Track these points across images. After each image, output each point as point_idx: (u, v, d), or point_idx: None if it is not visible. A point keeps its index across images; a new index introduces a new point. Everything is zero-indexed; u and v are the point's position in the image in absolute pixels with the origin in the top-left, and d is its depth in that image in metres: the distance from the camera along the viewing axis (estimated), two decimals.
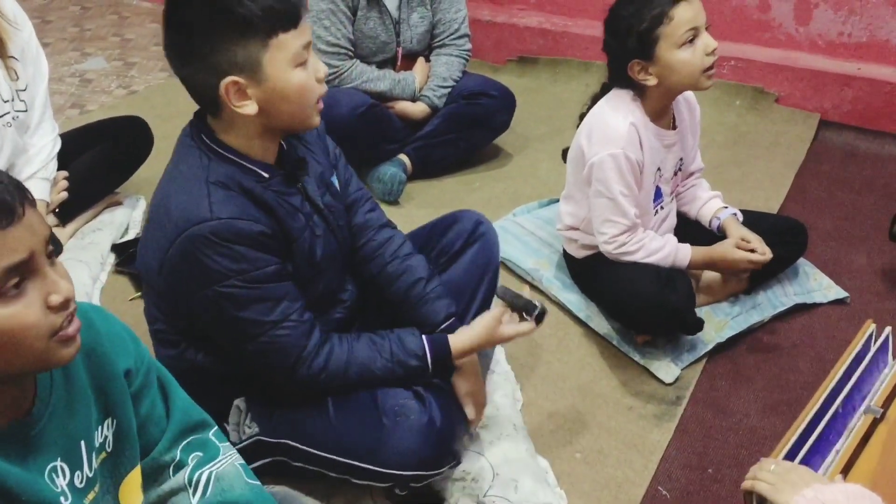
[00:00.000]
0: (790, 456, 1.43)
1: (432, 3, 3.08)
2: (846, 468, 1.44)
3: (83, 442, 1.17)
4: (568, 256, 2.47)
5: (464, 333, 1.76)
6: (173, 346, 1.69)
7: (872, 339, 1.68)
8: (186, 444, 1.32)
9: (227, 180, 1.54)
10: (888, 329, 1.71)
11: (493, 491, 1.80)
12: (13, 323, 0.99)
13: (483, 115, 3.11)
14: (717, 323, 2.33)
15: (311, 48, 1.55)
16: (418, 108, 3.07)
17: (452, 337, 1.75)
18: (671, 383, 2.17)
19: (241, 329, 1.59)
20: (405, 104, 3.06)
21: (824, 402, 1.52)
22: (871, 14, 3.46)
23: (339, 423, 1.69)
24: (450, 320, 1.82)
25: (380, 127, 2.98)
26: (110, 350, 1.21)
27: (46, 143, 2.48)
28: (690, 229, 2.41)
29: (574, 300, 2.43)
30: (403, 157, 3.06)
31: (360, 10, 2.96)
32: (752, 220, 2.39)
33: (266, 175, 1.59)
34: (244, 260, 1.53)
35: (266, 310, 1.57)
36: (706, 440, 2.04)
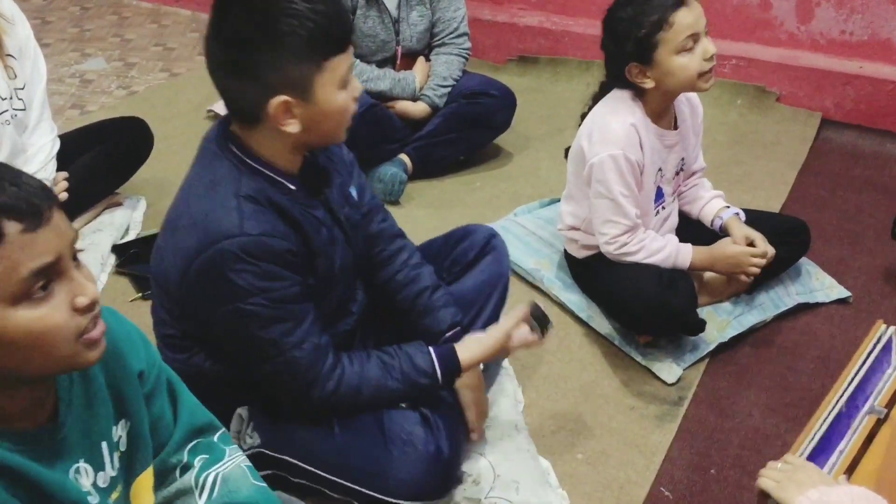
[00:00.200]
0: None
1: (431, 2, 3.07)
2: (849, 469, 1.43)
3: (105, 443, 1.17)
4: (569, 257, 2.46)
5: (473, 344, 1.74)
6: (181, 350, 1.67)
7: (881, 339, 1.67)
8: (193, 447, 1.32)
9: (257, 194, 1.52)
10: (892, 329, 1.70)
11: (494, 492, 1.79)
12: (41, 325, 0.99)
13: (483, 115, 3.10)
14: (719, 323, 2.32)
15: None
16: (419, 108, 3.06)
17: (461, 348, 1.72)
18: (673, 383, 2.16)
19: (259, 348, 1.57)
20: (405, 104, 3.05)
21: (836, 403, 1.52)
22: (873, 12, 3.44)
23: (344, 445, 1.67)
24: (454, 329, 1.82)
25: (380, 127, 2.97)
26: (124, 351, 1.21)
27: (45, 144, 2.48)
28: (692, 229, 2.40)
29: (575, 300, 2.42)
30: (404, 156, 3.05)
31: (360, 8, 2.95)
32: (754, 219, 2.37)
33: (292, 187, 1.58)
34: (270, 278, 1.52)
35: (287, 330, 1.56)
36: (709, 441, 2.03)
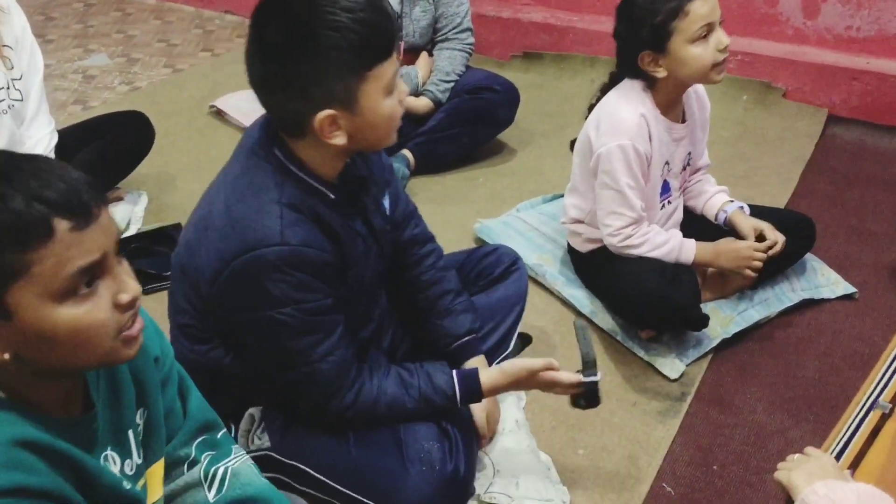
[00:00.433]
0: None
1: None
2: (854, 463, 1.42)
3: (131, 431, 1.18)
4: (572, 251, 2.44)
5: (496, 373, 1.69)
6: (201, 342, 1.64)
7: None
8: (200, 442, 1.32)
9: (300, 202, 1.51)
10: None
11: (494, 487, 1.78)
12: (85, 322, 1.00)
13: (486, 110, 3.08)
14: (723, 318, 2.30)
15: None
16: (421, 103, 3.04)
17: (484, 374, 1.68)
18: (676, 379, 2.14)
19: (286, 357, 1.56)
20: (408, 99, 3.03)
21: (866, 402, 1.50)
22: (879, 8, 3.42)
23: (359, 458, 1.64)
24: (471, 335, 1.81)
25: None
26: (144, 339, 1.21)
27: (43, 136, 2.47)
28: (696, 225, 2.38)
29: (578, 296, 2.40)
30: (406, 152, 3.03)
31: None
32: (759, 214, 2.36)
33: (332, 196, 1.56)
34: (305, 289, 1.51)
35: (315, 342, 1.55)
36: (711, 437, 2.01)
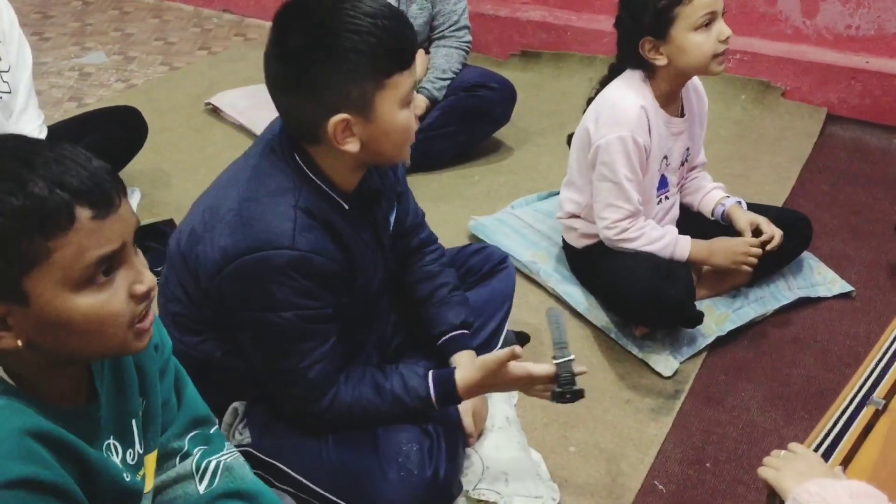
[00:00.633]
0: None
1: None
2: (846, 460, 1.40)
3: (134, 420, 1.18)
4: (567, 247, 2.43)
5: (469, 373, 1.64)
6: (193, 333, 1.63)
7: None
8: (193, 436, 1.32)
9: (314, 209, 1.51)
10: None
11: (482, 484, 1.76)
12: (102, 311, 1.00)
13: (483, 108, 3.07)
14: (717, 316, 2.28)
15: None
16: (417, 101, 3.03)
17: (459, 374, 1.64)
18: (670, 377, 2.13)
19: (277, 356, 1.56)
20: None
21: (852, 398, 1.49)
22: (879, 7, 3.40)
23: (337, 459, 1.63)
24: (464, 328, 1.81)
25: None
26: None
27: (32, 130, 2.45)
28: (693, 222, 2.37)
29: (572, 293, 2.38)
30: None
31: None
32: (757, 212, 2.34)
33: (346, 206, 1.56)
34: (308, 296, 1.51)
35: (308, 349, 1.55)
36: (704, 434, 1.99)
